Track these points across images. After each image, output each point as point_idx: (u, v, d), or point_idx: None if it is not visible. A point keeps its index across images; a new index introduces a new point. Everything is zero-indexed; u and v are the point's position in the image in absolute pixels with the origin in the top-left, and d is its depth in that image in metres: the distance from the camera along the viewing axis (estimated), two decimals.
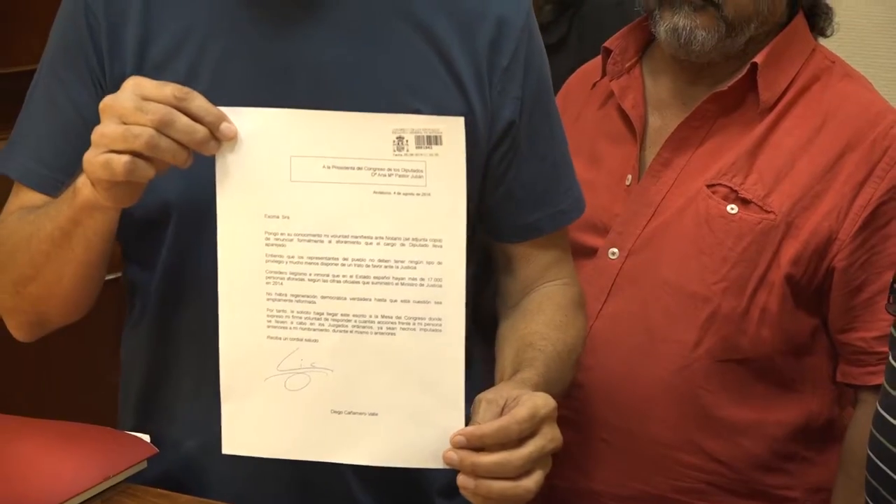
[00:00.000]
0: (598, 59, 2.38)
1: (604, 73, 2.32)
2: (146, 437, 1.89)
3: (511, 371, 1.75)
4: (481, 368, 1.84)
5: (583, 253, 2.17)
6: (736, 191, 2.09)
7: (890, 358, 1.92)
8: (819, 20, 2.31)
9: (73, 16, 1.85)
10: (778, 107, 2.13)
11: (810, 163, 2.09)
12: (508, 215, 1.92)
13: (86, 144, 1.61)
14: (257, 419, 1.67)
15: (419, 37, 1.82)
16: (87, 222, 1.68)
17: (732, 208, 2.08)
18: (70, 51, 1.82)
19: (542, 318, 1.87)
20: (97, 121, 1.60)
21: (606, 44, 2.35)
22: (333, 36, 1.78)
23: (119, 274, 1.97)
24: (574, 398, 2.10)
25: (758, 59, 2.12)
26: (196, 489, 1.84)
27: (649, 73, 2.30)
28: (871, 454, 1.91)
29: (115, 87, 1.65)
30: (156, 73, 1.67)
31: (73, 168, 1.69)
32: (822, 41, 2.31)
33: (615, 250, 2.16)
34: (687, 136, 2.16)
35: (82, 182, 1.63)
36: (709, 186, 2.12)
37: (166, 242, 1.79)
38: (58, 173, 1.76)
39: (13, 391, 2.16)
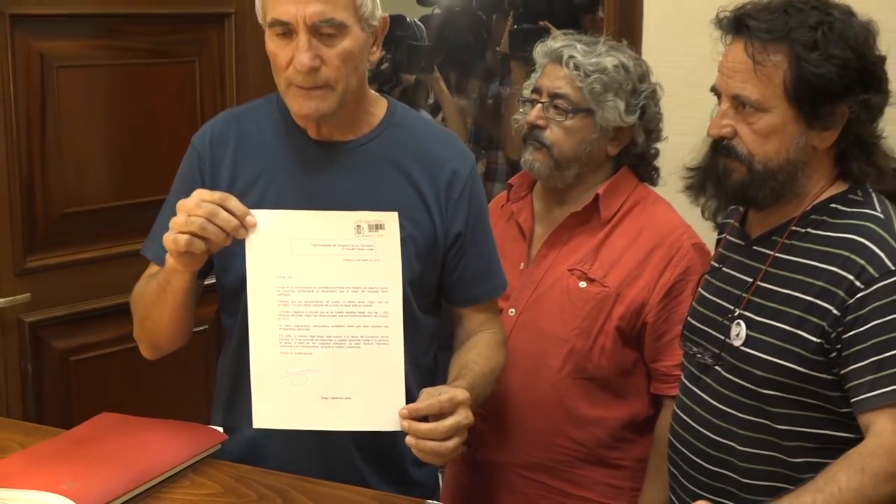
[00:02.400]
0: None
1: (508, 199, 2.72)
2: (220, 430, 2.23)
3: (452, 379, 2.13)
4: (443, 379, 2.18)
5: None
6: (586, 273, 2.50)
7: (682, 377, 2.29)
8: (641, 172, 2.65)
9: (190, 162, 2.25)
10: (612, 221, 2.54)
11: (632, 257, 2.50)
12: (459, 290, 2.30)
13: None
14: (275, 405, 2.02)
15: (401, 178, 2.21)
16: (172, 281, 2.06)
17: (583, 284, 2.49)
18: (187, 183, 2.18)
19: (475, 351, 2.25)
20: None
21: (510, 181, 2.74)
22: (346, 176, 2.18)
23: (205, 326, 2.30)
24: (489, 402, 2.37)
25: (600, 191, 2.52)
26: (255, 462, 2.17)
27: (537, 199, 2.67)
28: (670, 436, 2.27)
29: None
30: (239, 198, 1.98)
31: None
32: None
33: (513, 310, 2.56)
34: (556, 239, 2.58)
35: (168, 256, 2.00)
36: (569, 270, 2.53)
37: (242, 302, 2.11)
38: None
39: (140, 399, 2.48)
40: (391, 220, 2.01)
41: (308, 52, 2.03)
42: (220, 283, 2.21)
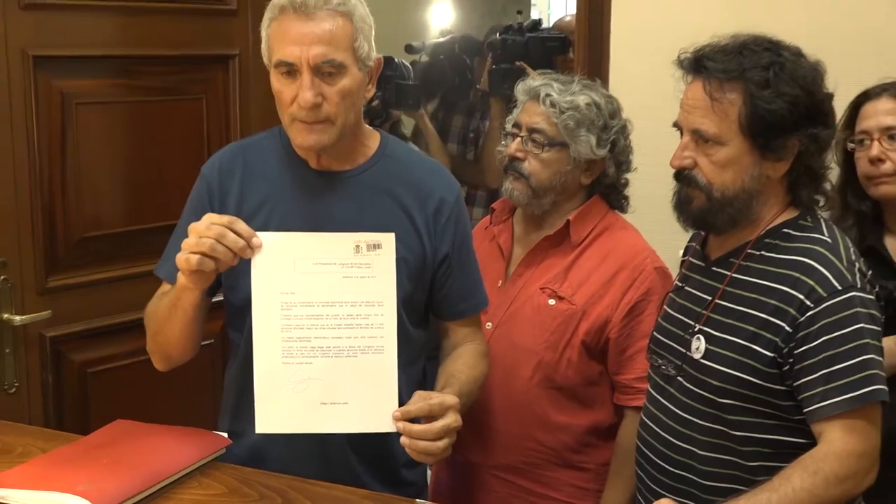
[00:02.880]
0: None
1: (491, 223, 2.72)
2: (225, 435, 2.22)
3: (441, 387, 2.13)
4: (431, 386, 2.18)
5: None
6: (556, 291, 2.50)
7: (648, 387, 2.28)
8: (612, 200, 2.64)
9: (200, 189, 2.25)
10: (582, 245, 2.54)
11: (598, 278, 2.50)
12: (446, 306, 2.30)
13: None
14: (277, 411, 2.01)
15: (394, 204, 2.21)
16: (183, 298, 2.05)
17: (552, 301, 2.49)
18: (197, 208, 2.18)
19: (461, 361, 2.25)
20: None
21: (493, 206, 2.74)
22: (343, 203, 2.18)
23: (211, 340, 2.26)
24: (467, 409, 2.23)
25: (571, 217, 2.52)
26: (258, 464, 2.16)
27: (517, 222, 2.66)
28: (637, 441, 2.26)
29: None
30: (246, 222, 1.99)
31: None
32: None
33: (489, 323, 2.54)
34: (531, 260, 2.58)
35: (179, 275, 2.00)
36: (541, 289, 2.53)
37: (248, 318, 2.07)
38: None
39: (151, 407, 2.41)
40: (388, 240, 2.02)
41: (311, 89, 2.04)
42: (228, 300, 2.20)
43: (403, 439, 1.96)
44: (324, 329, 2.01)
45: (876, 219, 2.45)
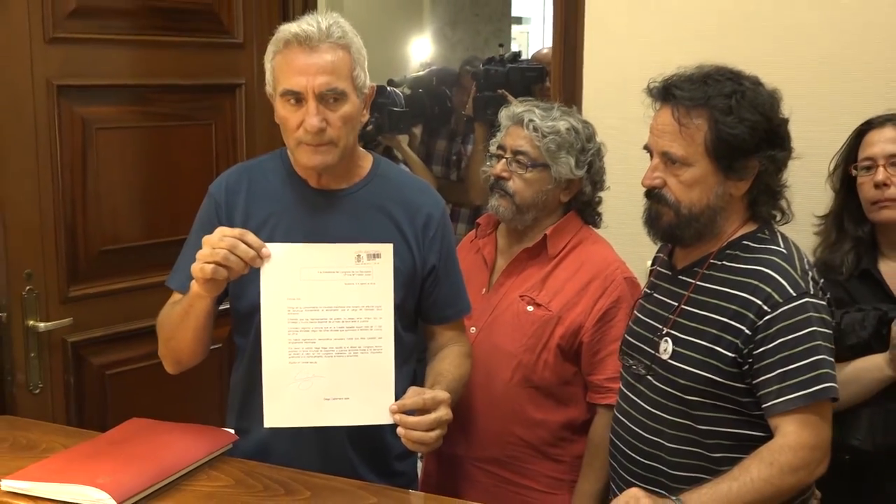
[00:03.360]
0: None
1: (476, 236, 2.72)
2: (232, 431, 2.20)
3: (430, 384, 2.13)
4: (421, 384, 2.16)
5: None
6: (534, 299, 2.49)
7: (621, 385, 2.27)
8: (587, 216, 2.63)
9: (208, 207, 2.24)
10: (558, 257, 2.54)
11: (572, 286, 2.49)
12: (433, 312, 2.30)
13: None
14: (284, 407, 2.00)
15: (386, 220, 2.22)
16: (195, 305, 2.03)
17: (530, 308, 2.49)
18: (206, 224, 2.17)
19: (447, 361, 2.26)
20: None
21: (478, 221, 2.74)
22: (341, 218, 2.18)
23: (219, 345, 2.23)
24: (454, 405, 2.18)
25: (548, 231, 2.52)
26: (264, 459, 2.15)
27: (501, 236, 2.65)
28: (611, 435, 2.27)
29: None
30: None
31: None
32: None
33: (474, 328, 2.54)
34: (512, 270, 2.57)
35: (193, 283, 1.99)
36: (520, 296, 2.52)
37: (255, 324, 2.10)
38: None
39: (164, 406, 2.41)
40: (386, 250, 2.03)
41: (317, 115, 2.05)
42: (234, 308, 2.19)
43: (400, 430, 1.97)
44: (327, 331, 2.01)
45: (871, 243, 2.43)
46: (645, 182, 2.10)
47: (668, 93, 2.06)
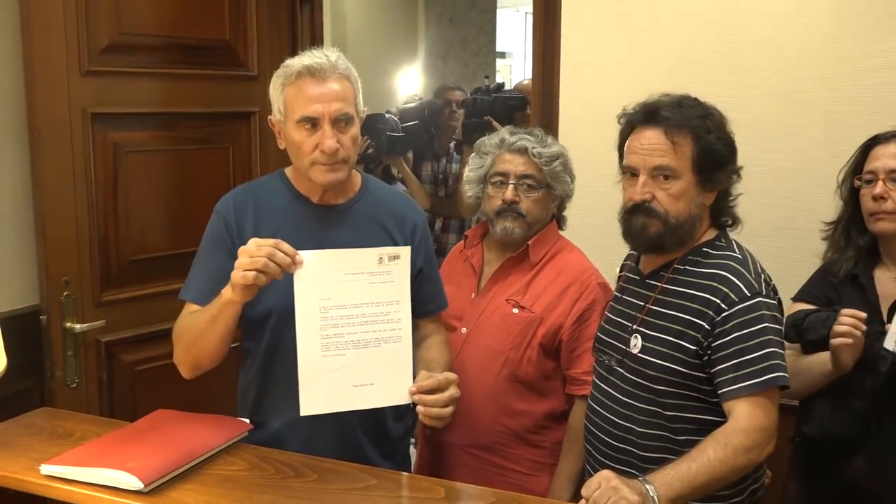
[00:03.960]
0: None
1: (465, 247, 2.69)
2: (247, 421, 2.20)
3: (425, 367, 2.15)
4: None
5: (451, 328, 2.51)
6: (518, 302, 2.48)
7: (595, 378, 2.26)
8: (562, 224, 2.64)
9: (217, 225, 2.20)
10: (539, 264, 2.52)
11: (553, 291, 2.48)
12: (419, 307, 2.24)
13: (222, 284, 1.99)
14: (318, 396, 2.00)
15: (380, 229, 2.23)
16: (225, 311, 1.99)
17: (515, 310, 2.47)
18: (216, 240, 2.17)
19: (434, 350, 2.29)
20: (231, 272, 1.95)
21: (467, 233, 2.71)
22: (343, 229, 2.18)
23: (237, 343, 2.14)
24: None
25: (530, 242, 2.50)
26: (280, 448, 2.11)
27: (487, 247, 2.62)
28: (586, 422, 2.25)
29: None
30: None
31: (214, 295, 2.02)
32: None
33: (464, 329, 2.53)
34: (498, 277, 2.54)
35: (225, 291, 1.96)
36: (506, 300, 2.50)
37: (268, 329, 2.13)
38: (209, 297, 2.06)
39: (187, 399, 2.37)
40: (405, 252, 2.05)
41: (332, 138, 2.07)
42: (245, 315, 2.11)
43: (420, 408, 2.00)
44: (354, 326, 2.01)
45: (873, 251, 2.38)
46: (636, 197, 2.09)
47: (656, 115, 2.06)
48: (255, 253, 1.90)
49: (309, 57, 2.10)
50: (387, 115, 4.89)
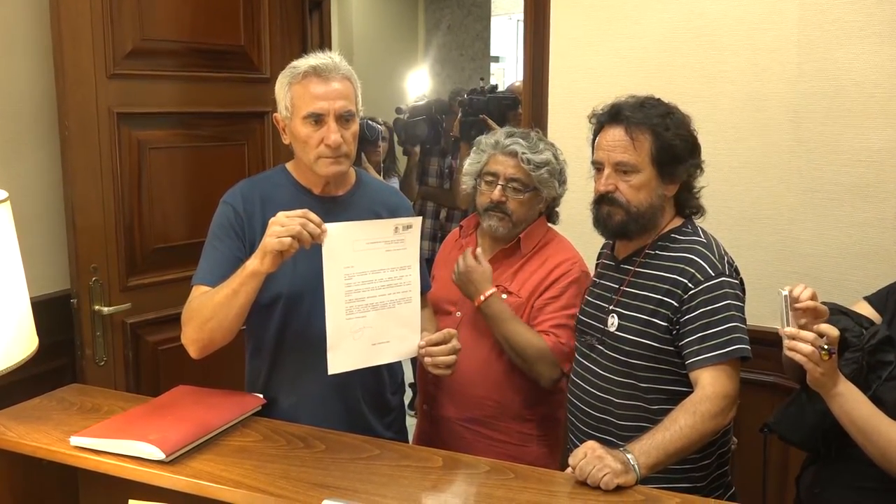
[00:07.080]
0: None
1: (460, 236, 2.66)
2: (260, 396, 2.18)
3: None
4: None
5: (446, 312, 2.51)
6: (507, 288, 2.45)
7: (576, 355, 2.26)
8: (552, 218, 2.61)
9: (227, 214, 2.16)
10: (529, 254, 2.50)
11: (539, 277, 2.46)
12: None
13: (233, 268, 1.98)
14: (343, 356, 2.02)
15: (377, 218, 2.19)
16: (248, 284, 1.95)
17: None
18: (225, 228, 2.14)
19: (425, 321, 2.23)
20: (244, 258, 1.98)
21: (462, 223, 2.67)
22: (344, 217, 2.09)
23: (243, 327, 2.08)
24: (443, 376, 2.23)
25: (521, 235, 2.47)
26: (292, 421, 2.09)
27: (481, 237, 2.59)
28: (569, 395, 2.26)
29: (251, 245, 2.05)
30: None
31: (226, 279, 1.99)
32: None
33: (458, 313, 2.51)
34: (490, 265, 2.47)
35: (249, 262, 1.92)
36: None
37: (277, 312, 2.12)
38: (220, 280, 2.02)
39: (205, 375, 2.34)
40: (417, 222, 2.09)
41: (337, 133, 2.07)
42: (255, 301, 2.04)
43: (427, 360, 2.08)
44: (373, 290, 2.03)
45: None
46: (600, 188, 2.10)
47: (619, 115, 2.07)
48: (287, 222, 1.89)
49: (314, 58, 2.10)
50: (395, 117, 5.10)
